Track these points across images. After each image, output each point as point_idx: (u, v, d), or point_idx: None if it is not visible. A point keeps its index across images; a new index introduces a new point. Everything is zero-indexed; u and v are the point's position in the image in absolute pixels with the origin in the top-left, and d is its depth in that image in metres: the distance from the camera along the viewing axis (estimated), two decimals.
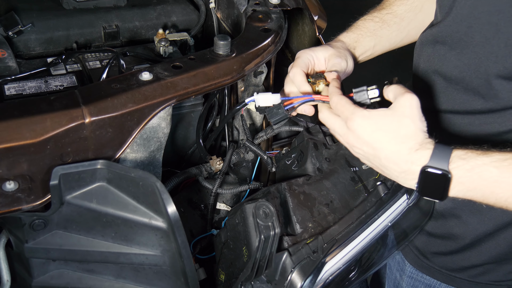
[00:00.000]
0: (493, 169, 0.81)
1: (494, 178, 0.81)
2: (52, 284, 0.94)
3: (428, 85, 1.09)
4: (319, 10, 1.18)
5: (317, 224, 1.00)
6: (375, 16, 1.19)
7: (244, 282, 0.96)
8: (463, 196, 0.84)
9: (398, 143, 0.85)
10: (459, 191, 0.84)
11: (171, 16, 1.48)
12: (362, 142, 0.88)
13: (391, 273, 1.37)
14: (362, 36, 1.16)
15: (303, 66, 1.05)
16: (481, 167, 0.81)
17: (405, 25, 1.20)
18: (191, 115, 1.26)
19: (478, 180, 0.82)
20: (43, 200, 0.82)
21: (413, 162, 0.84)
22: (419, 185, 0.85)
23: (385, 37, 1.19)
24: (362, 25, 1.18)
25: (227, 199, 1.25)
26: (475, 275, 1.14)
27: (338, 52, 1.08)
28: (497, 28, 0.91)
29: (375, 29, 1.17)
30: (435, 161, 0.82)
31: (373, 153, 0.88)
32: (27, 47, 1.30)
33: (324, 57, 1.07)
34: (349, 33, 1.16)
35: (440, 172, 0.82)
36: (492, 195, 0.82)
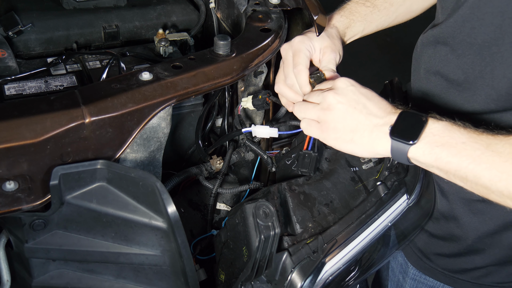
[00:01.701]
0: (464, 132, 0.82)
1: (462, 140, 0.81)
2: (52, 284, 0.94)
3: (429, 86, 1.09)
4: (319, 10, 1.18)
5: (317, 224, 1.00)
6: (367, 1, 1.21)
7: (244, 282, 0.96)
8: (429, 152, 0.83)
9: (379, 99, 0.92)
10: (428, 143, 0.83)
11: (171, 16, 1.48)
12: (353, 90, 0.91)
13: (394, 276, 1.37)
14: (353, 21, 1.18)
15: (307, 63, 1.05)
16: (454, 126, 0.83)
17: (394, 10, 1.22)
18: (191, 115, 1.26)
19: (447, 137, 0.82)
20: (43, 200, 0.82)
21: (396, 111, 0.88)
22: (395, 124, 0.86)
23: (374, 22, 1.21)
24: (354, 9, 1.19)
25: (227, 199, 1.25)
26: (478, 277, 1.14)
27: (333, 44, 1.09)
28: (501, 29, 0.91)
29: (366, 14, 1.19)
30: (414, 110, 0.87)
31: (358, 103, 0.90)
32: (27, 47, 1.30)
33: (320, 47, 1.09)
34: (342, 18, 1.18)
35: (418, 113, 0.85)
36: (455, 157, 0.81)
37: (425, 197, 1.13)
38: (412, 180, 1.10)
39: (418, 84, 1.14)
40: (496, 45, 0.93)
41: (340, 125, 0.91)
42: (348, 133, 0.90)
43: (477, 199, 1.05)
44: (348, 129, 0.90)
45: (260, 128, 1.12)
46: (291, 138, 1.39)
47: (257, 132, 1.13)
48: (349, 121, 0.90)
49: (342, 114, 0.90)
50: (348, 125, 0.90)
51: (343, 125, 0.91)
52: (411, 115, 0.86)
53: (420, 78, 1.13)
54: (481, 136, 0.81)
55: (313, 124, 0.95)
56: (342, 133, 0.91)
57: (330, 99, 0.92)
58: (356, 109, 0.90)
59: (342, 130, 0.91)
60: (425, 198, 1.13)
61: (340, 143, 0.92)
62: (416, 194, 1.09)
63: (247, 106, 1.22)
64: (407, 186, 1.09)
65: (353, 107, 0.90)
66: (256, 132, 1.13)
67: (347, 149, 0.92)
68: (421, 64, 1.12)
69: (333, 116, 0.91)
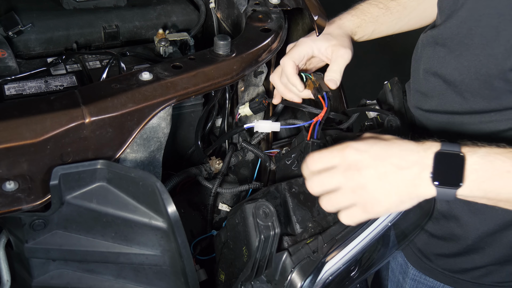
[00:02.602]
0: (505, 159, 0.78)
1: (507, 168, 0.78)
2: (52, 284, 0.94)
3: (428, 87, 1.09)
4: (319, 10, 1.18)
5: (317, 224, 1.00)
6: (380, 2, 1.19)
7: (244, 282, 0.96)
8: (477, 189, 0.79)
9: (402, 143, 0.83)
10: (473, 181, 0.79)
11: (171, 16, 1.48)
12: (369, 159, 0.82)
13: (394, 276, 1.37)
14: (365, 21, 1.17)
15: (296, 58, 1.06)
16: (492, 155, 0.79)
17: (407, 14, 1.20)
18: (191, 115, 1.26)
19: (490, 169, 0.78)
20: (43, 200, 0.82)
21: (425, 151, 0.80)
22: (434, 170, 0.79)
23: (385, 24, 1.20)
24: (366, 10, 1.18)
25: (227, 199, 1.25)
26: (478, 277, 1.14)
27: (341, 41, 1.09)
28: (497, 31, 0.91)
29: (378, 16, 1.18)
30: (446, 147, 0.80)
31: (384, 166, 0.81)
32: (27, 47, 1.30)
33: (325, 47, 1.08)
34: (353, 18, 1.16)
35: (454, 152, 0.79)
36: (504, 188, 0.78)
37: None
38: None
39: (417, 85, 1.14)
40: (491, 47, 0.93)
41: (385, 196, 0.82)
42: (395, 197, 0.81)
43: None
44: (394, 196, 0.81)
45: (262, 123, 1.12)
46: (291, 138, 1.39)
47: (260, 127, 1.12)
48: (389, 189, 0.81)
49: (375, 188, 0.81)
50: (391, 193, 0.81)
51: (383, 196, 0.81)
52: (447, 156, 0.79)
53: (419, 79, 1.13)
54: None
55: (355, 211, 0.84)
56: (389, 202, 0.82)
57: (356, 181, 0.82)
58: (386, 177, 0.81)
59: (390, 199, 0.82)
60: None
61: (391, 210, 0.84)
62: None
63: (245, 113, 1.22)
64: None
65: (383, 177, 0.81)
66: (258, 127, 1.12)
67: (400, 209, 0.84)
68: (421, 64, 1.12)
69: (373, 193, 0.82)
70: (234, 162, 1.27)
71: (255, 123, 1.12)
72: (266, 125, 1.12)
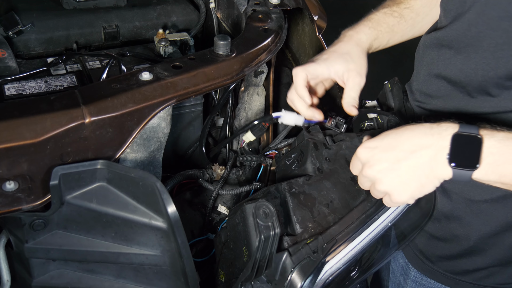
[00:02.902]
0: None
1: None
2: (52, 284, 0.94)
3: (431, 88, 1.09)
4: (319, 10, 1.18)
5: (317, 224, 1.00)
6: (394, 11, 1.18)
7: (244, 282, 0.96)
8: (492, 173, 0.80)
9: (415, 128, 0.85)
10: (489, 164, 0.80)
11: (171, 16, 1.48)
12: (379, 153, 0.86)
13: (395, 278, 1.36)
14: (381, 33, 1.15)
15: (311, 72, 1.05)
16: (510, 140, 0.79)
17: (420, 20, 1.19)
18: (191, 115, 1.26)
19: (507, 153, 0.79)
20: (43, 200, 0.82)
21: (440, 134, 0.82)
22: (451, 151, 0.80)
23: (400, 33, 1.19)
24: (382, 20, 1.16)
25: (227, 199, 1.25)
26: (480, 278, 1.13)
27: (358, 66, 1.08)
28: (508, 34, 0.91)
29: (393, 25, 1.17)
30: (464, 129, 0.81)
31: (395, 156, 0.84)
32: (27, 47, 1.30)
33: (342, 71, 1.07)
34: (370, 30, 1.14)
35: (471, 135, 0.79)
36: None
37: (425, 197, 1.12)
38: None
39: (420, 86, 1.13)
40: (501, 49, 0.92)
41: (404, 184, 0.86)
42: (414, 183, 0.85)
43: (481, 199, 1.05)
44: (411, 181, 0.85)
45: (288, 114, 1.13)
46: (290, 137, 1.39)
47: (285, 119, 1.13)
48: (405, 176, 0.85)
49: (391, 179, 0.86)
50: (408, 179, 0.85)
51: (404, 183, 0.86)
52: (465, 137, 0.80)
53: (422, 80, 1.12)
54: None
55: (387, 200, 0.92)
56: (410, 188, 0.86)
57: (372, 177, 0.88)
58: (399, 164, 0.85)
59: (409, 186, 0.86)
60: (425, 198, 1.13)
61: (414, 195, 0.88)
62: None
63: (248, 138, 1.25)
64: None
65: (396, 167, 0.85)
66: (284, 118, 1.13)
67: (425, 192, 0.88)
68: (423, 66, 1.12)
69: (389, 184, 0.87)
70: (235, 175, 1.27)
71: (282, 112, 1.13)
72: (292, 118, 1.13)
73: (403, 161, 0.85)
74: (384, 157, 0.86)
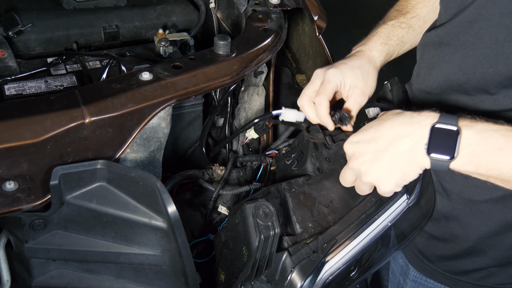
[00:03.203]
0: (500, 136, 0.80)
1: (500, 145, 0.80)
2: (52, 284, 0.94)
3: (430, 86, 1.09)
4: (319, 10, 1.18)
5: (317, 224, 1.00)
6: (402, 22, 1.18)
7: (244, 282, 0.96)
8: (469, 163, 0.82)
9: (397, 116, 0.87)
10: (466, 154, 0.82)
11: (171, 16, 1.48)
12: (362, 147, 0.89)
13: (394, 278, 1.36)
14: (392, 46, 1.15)
15: (330, 95, 1.04)
16: (488, 132, 0.81)
17: (426, 27, 1.19)
18: (191, 115, 1.26)
19: (484, 144, 0.81)
20: (43, 200, 0.82)
21: (419, 123, 0.84)
22: (429, 141, 0.83)
23: (409, 42, 1.19)
24: (392, 34, 1.16)
25: (227, 199, 1.25)
26: (480, 278, 1.13)
27: (365, 84, 1.07)
28: (509, 31, 0.91)
29: (403, 36, 1.17)
30: (443, 120, 0.83)
31: (376, 147, 0.87)
32: (27, 47, 1.30)
33: (350, 85, 1.06)
34: (382, 46, 1.13)
35: (449, 127, 0.81)
36: (495, 164, 0.81)
37: (425, 197, 1.12)
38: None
39: (420, 85, 1.13)
40: (502, 46, 0.92)
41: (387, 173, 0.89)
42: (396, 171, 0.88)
43: (480, 199, 1.05)
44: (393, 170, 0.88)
45: (289, 111, 1.13)
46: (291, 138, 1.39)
47: (285, 116, 1.13)
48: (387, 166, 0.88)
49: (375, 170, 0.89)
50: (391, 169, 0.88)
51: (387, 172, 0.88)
52: (442, 129, 0.82)
53: (422, 79, 1.12)
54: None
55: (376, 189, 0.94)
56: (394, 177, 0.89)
57: (357, 169, 0.91)
58: (381, 155, 0.87)
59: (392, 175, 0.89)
60: (425, 198, 1.13)
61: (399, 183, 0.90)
62: (416, 194, 1.08)
63: (251, 136, 1.25)
64: (407, 186, 1.09)
65: (378, 157, 0.88)
66: (284, 115, 1.13)
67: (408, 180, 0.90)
68: (423, 64, 1.11)
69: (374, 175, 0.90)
70: (235, 176, 1.27)
71: (283, 110, 1.12)
72: (292, 114, 1.13)
73: (384, 151, 0.87)
74: (368, 149, 0.89)
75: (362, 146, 0.90)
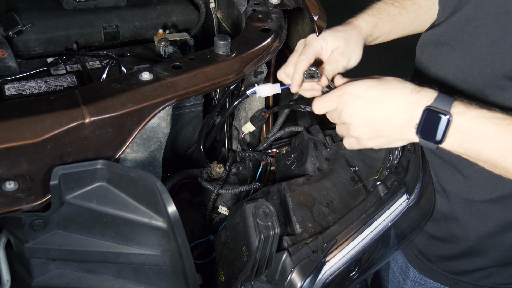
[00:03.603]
0: (491, 124, 0.81)
1: (490, 134, 0.81)
2: (52, 284, 0.94)
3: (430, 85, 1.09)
4: (319, 10, 1.17)
5: (317, 224, 1.00)
6: (396, 1, 1.19)
7: (244, 282, 0.96)
8: (458, 147, 0.85)
9: (399, 88, 0.88)
10: (455, 139, 0.84)
11: (171, 16, 1.48)
12: (360, 105, 0.89)
13: (394, 277, 1.36)
14: (381, 20, 1.16)
15: (311, 56, 1.04)
16: (480, 119, 0.82)
17: (422, 13, 1.19)
18: (191, 115, 1.26)
19: (475, 131, 0.82)
20: (43, 200, 0.82)
21: (416, 103, 0.85)
22: (419, 124, 0.85)
23: (401, 23, 1.19)
24: (383, 9, 1.17)
25: (227, 199, 1.25)
26: (479, 279, 1.14)
27: (346, 46, 1.07)
28: (504, 29, 0.91)
29: (394, 15, 1.17)
30: (438, 103, 0.84)
31: (372, 113, 0.88)
32: (27, 47, 1.30)
33: (332, 48, 1.07)
34: (370, 17, 1.15)
35: (441, 112, 0.83)
36: (484, 151, 0.83)
37: (425, 197, 1.13)
38: (412, 180, 1.09)
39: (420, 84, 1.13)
40: (497, 45, 0.93)
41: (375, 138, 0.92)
42: (383, 139, 0.92)
43: (479, 199, 1.05)
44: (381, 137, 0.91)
45: (263, 87, 1.12)
46: (291, 138, 1.39)
47: (261, 92, 1.12)
48: (377, 133, 0.91)
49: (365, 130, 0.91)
50: (379, 136, 0.91)
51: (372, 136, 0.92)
52: (434, 114, 0.83)
53: (422, 78, 1.12)
54: (508, 127, 0.81)
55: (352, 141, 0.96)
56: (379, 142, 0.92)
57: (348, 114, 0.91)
58: (374, 128, 0.90)
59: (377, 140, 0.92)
60: (425, 198, 1.13)
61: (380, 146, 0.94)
62: (416, 194, 1.09)
63: (248, 129, 1.25)
64: (407, 186, 1.09)
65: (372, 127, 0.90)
66: (260, 91, 1.12)
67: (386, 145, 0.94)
68: (422, 64, 1.12)
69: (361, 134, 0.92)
70: (234, 171, 1.28)
71: (256, 87, 1.12)
72: (267, 89, 1.12)
73: (379, 120, 0.89)
74: (364, 111, 0.89)
75: (360, 104, 0.89)
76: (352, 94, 0.90)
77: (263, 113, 1.23)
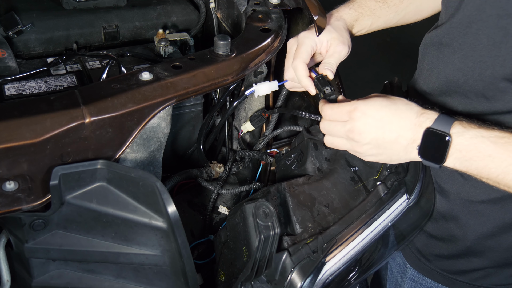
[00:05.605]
0: (489, 143, 0.84)
1: (489, 152, 0.84)
2: (52, 284, 0.94)
3: (431, 87, 1.09)
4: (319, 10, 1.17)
5: (317, 224, 1.00)
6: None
7: (244, 282, 0.96)
8: (460, 166, 0.87)
9: (406, 109, 0.90)
10: (456, 158, 0.87)
11: (171, 16, 1.48)
12: (371, 124, 0.90)
13: (392, 276, 1.37)
14: (362, 15, 1.18)
15: (306, 57, 1.06)
16: (478, 138, 0.85)
17: (403, 8, 1.21)
18: (191, 115, 1.26)
19: (474, 151, 0.85)
20: (43, 200, 0.82)
21: (419, 124, 0.88)
22: (421, 145, 0.88)
23: (382, 17, 1.21)
24: (363, 3, 1.19)
25: (227, 199, 1.25)
26: (477, 279, 1.14)
27: (341, 36, 1.09)
28: (505, 32, 0.91)
29: (375, 9, 1.19)
30: (438, 124, 0.86)
31: (382, 132, 0.90)
32: (27, 47, 1.30)
33: (326, 39, 1.08)
34: (351, 11, 1.17)
35: (441, 133, 0.85)
36: (485, 169, 0.85)
37: (425, 197, 1.13)
38: (412, 180, 1.10)
39: (421, 85, 1.13)
40: (498, 48, 0.93)
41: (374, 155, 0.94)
42: (385, 156, 0.94)
43: (478, 200, 1.05)
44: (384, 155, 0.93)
45: (261, 85, 1.13)
46: (291, 138, 1.39)
47: (260, 91, 1.14)
48: (381, 150, 0.93)
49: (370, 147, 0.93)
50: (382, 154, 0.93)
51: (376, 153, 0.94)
52: (434, 134, 0.86)
53: (423, 79, 1.12)
54: (506, 146, 0.84)
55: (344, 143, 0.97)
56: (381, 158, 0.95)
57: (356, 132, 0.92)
58: (380, 146, 0.92)
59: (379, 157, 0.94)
60: (425, 198, 1.13)
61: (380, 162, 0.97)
62: (416, 194, 1.09)
63: (247, 128, 1.26)
64: (407, 186, 1.09)
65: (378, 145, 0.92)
66: (258, 90, 1.14)
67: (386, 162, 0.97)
68: (425, 65, 1.12)
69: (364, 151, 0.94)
70: (234, 170, 1.28)
71: (255, 86, 1.13)
72: (265, 87, 1.14)
73: (387, 140, 0.91)
74: (374, 129, 0.90)
75: (371, 123, 0.90)
76: (364, 112, 0.91)
77: (263, 113, 1.23)
